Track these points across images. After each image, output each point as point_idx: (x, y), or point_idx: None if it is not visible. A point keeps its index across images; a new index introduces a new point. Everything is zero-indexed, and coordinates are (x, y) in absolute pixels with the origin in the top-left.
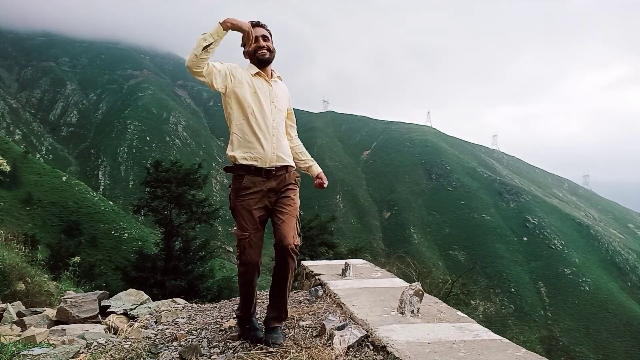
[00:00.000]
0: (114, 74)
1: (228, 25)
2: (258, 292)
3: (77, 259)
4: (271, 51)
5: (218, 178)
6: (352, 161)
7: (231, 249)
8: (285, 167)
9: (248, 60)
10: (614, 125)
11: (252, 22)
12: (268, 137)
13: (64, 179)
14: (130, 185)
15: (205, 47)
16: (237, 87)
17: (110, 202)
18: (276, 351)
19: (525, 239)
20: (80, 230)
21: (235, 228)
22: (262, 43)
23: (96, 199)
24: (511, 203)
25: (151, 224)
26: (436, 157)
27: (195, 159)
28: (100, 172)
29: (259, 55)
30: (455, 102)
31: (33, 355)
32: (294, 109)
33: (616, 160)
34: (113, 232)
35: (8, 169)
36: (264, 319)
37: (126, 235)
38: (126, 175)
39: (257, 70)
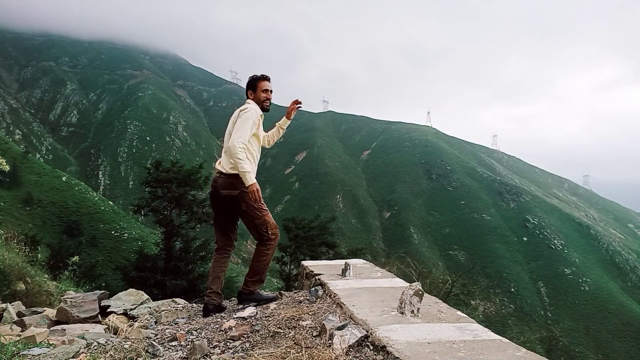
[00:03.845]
0: (114, 74)
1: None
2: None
3: (76, 258)
4: (270, 104)
5: None
6: (352, 161)
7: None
8: None
9: (253, 101)
10: (614, 126)
11: (263, 75)
12: (257, 161)
13: (64, 179)
14: (130, 185)
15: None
16: (256, 132)
17: (110, 202)
18: (276, 351)
19: (525, 239)
20: (80, 230)
21: (265, 212)
22: (270, 96)
23: (96, 199)
24: (511, 203)
25: (151, 224)
26: (436, 157)
27: (196, 159)
28: (100, 172)
29: (265, 105)
30: (453, 103)
31: (33, 355)
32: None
33: (616, 160)
34: (113, 232)
35: (8, 168)
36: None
37: (126, 235)
38: (126, 175)
39: (262, 113)
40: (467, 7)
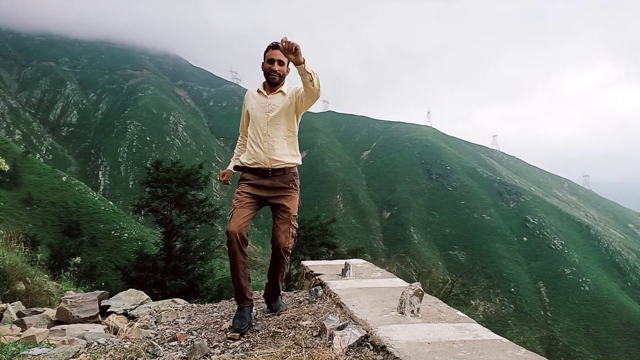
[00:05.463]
0: (114, 74)
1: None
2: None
3: (77, 259)
4: (281, 77)
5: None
6: (352, 161)
7: None
8: (283, 169)
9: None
10: (614, 126)
11: (272, 43)
12: (262, 144)
13: (64, 179)
14: (130, 185)
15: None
16: (248, 111)
17: (110, 202)
18: (276, 351)
19: (525, 239)
20: (80, 230)
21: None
22: (276, 67)
23: (96, 199)
24: (511, 203)
25: (151, 224)
26: (436, 157)
27: (196, 159)
28: (100, 172)
29: (270, 78)
30: (453, 103)
31: (33, 355)
32: None
33: (616, 160)
34: (113, 232)
35: (7, 168)
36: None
37: (126, 235)
38: (126, 175)
39: (259, 88)
40: (467, 6)
